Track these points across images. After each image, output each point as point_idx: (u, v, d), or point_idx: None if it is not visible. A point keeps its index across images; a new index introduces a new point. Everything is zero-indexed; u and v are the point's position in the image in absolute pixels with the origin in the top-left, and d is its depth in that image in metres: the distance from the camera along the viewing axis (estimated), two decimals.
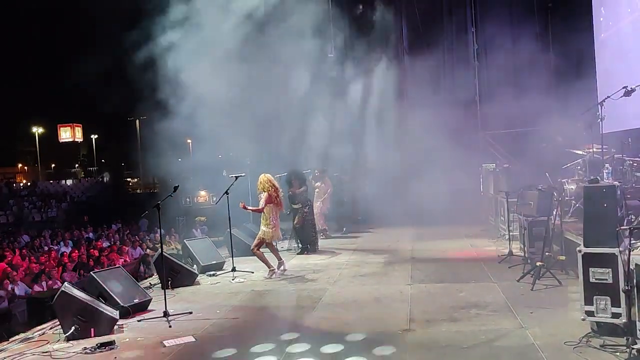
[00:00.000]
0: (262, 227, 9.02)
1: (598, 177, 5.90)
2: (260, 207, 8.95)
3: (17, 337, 6.45)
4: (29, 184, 43.13)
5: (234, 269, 9.09)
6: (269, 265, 8.99)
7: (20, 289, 10.92)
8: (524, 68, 13.78)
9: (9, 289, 10.64)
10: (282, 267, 9.08)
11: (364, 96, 14.45)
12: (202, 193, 28.15)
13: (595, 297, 5.09)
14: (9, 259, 13.33)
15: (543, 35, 14.76)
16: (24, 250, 15.08)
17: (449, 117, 13.91)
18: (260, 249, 9.03)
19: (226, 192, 9.24)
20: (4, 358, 5.64)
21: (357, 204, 15.01)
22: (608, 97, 7.86)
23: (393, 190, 13.99)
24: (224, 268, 9.64)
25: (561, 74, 13.91)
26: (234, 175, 9.44)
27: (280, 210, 9.24)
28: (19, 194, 32.53)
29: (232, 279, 8.83)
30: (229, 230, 10.17)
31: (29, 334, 6.52)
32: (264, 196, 8.90)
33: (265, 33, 12.81)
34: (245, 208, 9.11)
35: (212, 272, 9.38)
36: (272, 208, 8.96)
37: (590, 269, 5.13)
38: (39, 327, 6.73)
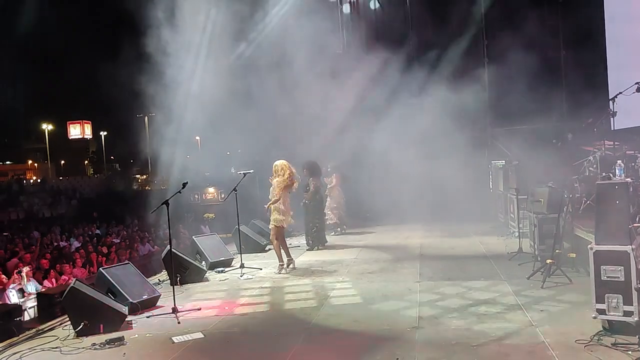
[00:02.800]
0: (274, 215, 9.02)
1: (610, 174, 5.83)
2: (277, 196, 8.94)
3: (27, 332, 6.47)
4: (39, 180, 43.48)
5: (242, 266, 9.11)
6: (280, 260, 9.02)
7: (31, 285, 10.98)
8: (534, 64, 13.64)
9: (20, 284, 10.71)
10: (290, 265, 9.09)
11: (371, 93, 14.39)
12: (211, 190, 28.23)
13: (606, 295, 5.03)
14: (21, 254, 13.42)
15: (554, 30, 14.63)
16: (33, 247, 15.16)
17: (458, 114, 13.83)
18: (276, 241, 9.06)
19: (234, 189, 9.25)
20: (15, 353, 5.66)
21: (365, 201, 14.97)
22: (620, 93, 7.78)
23: (402, 188, 13.93)
24: (232, 264, 9.66)
25: (572, 69, 13.78)
26: (242, 172, 9.45)
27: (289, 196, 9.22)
28: (29, 190, 32.79)
29: (241, 276, 8.83)
30: (237, 227, 10.19)
31: (39, 329, 6.55)
32: (280, 182, 8.90)
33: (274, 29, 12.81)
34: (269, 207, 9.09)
35: (220, 269, 9.39)
36: (284, 194, 8.97)
37: (601, 266, 5.07)
38: (49, 323, 6.75)
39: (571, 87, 13.42)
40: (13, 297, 10.10)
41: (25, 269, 11.34)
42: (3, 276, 10.87)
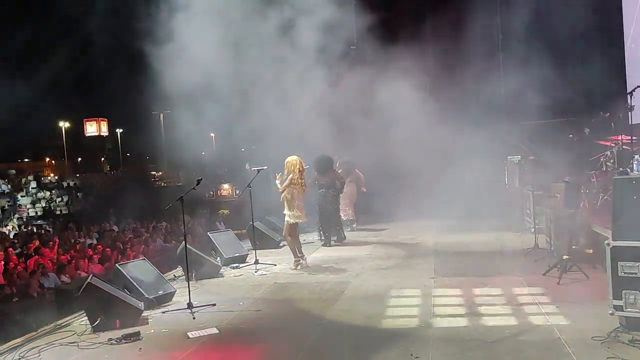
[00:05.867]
0: (286, 212, 9.03)
1: (627, 169, 5.76)
2: (281, 188, 8.95)
3: (45, 327, 6.56)
4: (56, 177, 43.96)
5: (256, 262, 9.14)
6: (295, 255, 9.04)
7: (50, 281, 11.14)
8: (550, 57, 13.47)
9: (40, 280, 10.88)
10: (302, 262, 9.10)
11: (384, 87, 14.31)
12: (225, 186, 28.40)
13: (624, 291, 4.98)
14: (40, 250, 13.62)
15: (570, 23, 14.41)
16: (51, 243, 15.37)
17: (473, 109, 13.72)
18: (290, 238, 9.08)
19: (249, 185, 9.29)
20: (33, 348, 5.75)
21: (379, 197, 14.91)
22: (638, 86, 7.68)
23: (416, 183, 13.85)
24: (246, 260, 9.70)
25: (589, 62, 13.57)
26: (256, 169, 9.47)
27: (304, 193, 9.18)
28: (47, 187, 33.21)
29: (255, 272, 8.87)
30: (251, 223, 10.24)
31: (56, 324, 6.64)
32: (287, 179, 8.92)
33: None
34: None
35: (235, 265, 9.44)
36: (294, 191, 8.96)
37: (619, 262, 5.02)
38: (66, 318, 6.83)
39: (588, 81, 13.22)
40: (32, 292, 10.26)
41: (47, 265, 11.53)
42: (24, 272, 11.06)
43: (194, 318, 6.48)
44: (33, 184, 31.91)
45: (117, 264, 7.62)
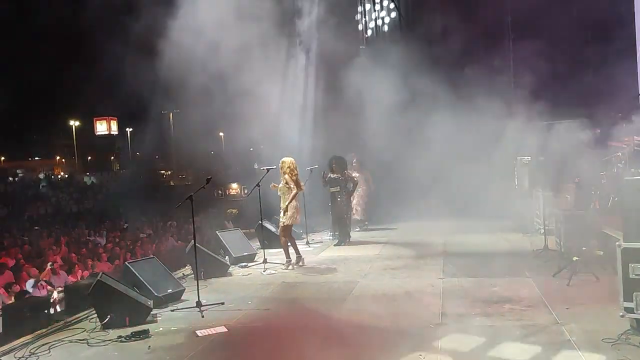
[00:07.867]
0: (281, 213, 9.05)
1: (639, 170, 5.72)
2: (295, 190, 8.93)
3: (55, 324, 6.62)
4: (66, 176, 44.32)
5: (265, 261, 9.16)
6: (287, 256, 9.10)
7: (60, 279, 11.21)
8: (560, 57, 13.38)
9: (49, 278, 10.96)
10: (300, 262, 9.10)
11: (391, 85, 14.28)
12: (234, 185, 28.46)
13: (635, 293, 4.94)
14: (50, 248, 13.73)
15: (581, 22, 14.31)
16: (61, 241, 15.48)
17: (482, 108, 13.65)
18: (284, 238, 9.12)
19: (257, 185, 9.31)
20: (44, 344, 5.80)
21: (388, 197, 14.89)
22: None
23: (426, 184, 13.81)
24: (255, 260, 9.72)
25: (601, 62, 13.47)
26: (265, 168, 9.50)
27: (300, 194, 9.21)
28: (57, 185, 33.47)
29: (264, 271, 8.89)
30: (260, 222, 10.25)
31: (66, 321, 6.68)
32: (289, 180, 8.92)
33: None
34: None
35: (243, 264, 9.46)
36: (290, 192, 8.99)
37: (630, 264, 4.98)
38: (76, 316, 6.89)
39: (599, 81, 13.12)
40: (42, 290, 10.33)
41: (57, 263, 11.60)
42: (34, 269, 11.14)
43: (202, 316, 6.50)
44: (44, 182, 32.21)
45: (126, 262, 7.66)
